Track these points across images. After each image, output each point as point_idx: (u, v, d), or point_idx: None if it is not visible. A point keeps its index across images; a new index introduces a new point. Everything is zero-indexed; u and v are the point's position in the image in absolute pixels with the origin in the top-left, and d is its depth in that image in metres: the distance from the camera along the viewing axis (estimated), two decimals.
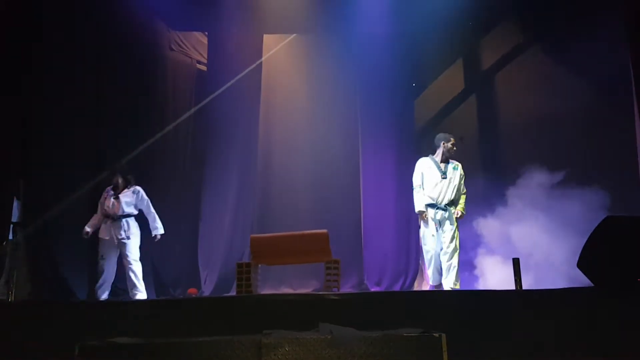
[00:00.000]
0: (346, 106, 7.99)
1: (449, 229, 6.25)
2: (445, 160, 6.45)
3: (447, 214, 6.28)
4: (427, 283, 7.60)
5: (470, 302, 4.56)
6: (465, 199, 6.43)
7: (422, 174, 6.41)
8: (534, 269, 6.47)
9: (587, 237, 4.53)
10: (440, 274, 6.28)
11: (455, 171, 6.40)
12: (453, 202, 6.34)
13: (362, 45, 8.02)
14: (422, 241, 6.45)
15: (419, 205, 6.33)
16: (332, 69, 8.05)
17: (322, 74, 8.06)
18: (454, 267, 6.20)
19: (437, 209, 6.29)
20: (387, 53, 7.89)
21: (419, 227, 6.55)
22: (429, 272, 6.41)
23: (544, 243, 6.61)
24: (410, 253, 7.56)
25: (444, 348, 3.11)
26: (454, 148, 6.46)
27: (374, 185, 7.73)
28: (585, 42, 7.14)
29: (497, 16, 8.27)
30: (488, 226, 7.10)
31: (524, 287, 5.16)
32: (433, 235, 6.27)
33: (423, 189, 6.35)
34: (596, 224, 4.52)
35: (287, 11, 7.86)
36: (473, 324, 4.15)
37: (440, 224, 6.28)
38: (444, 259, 6.23)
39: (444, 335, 3.15)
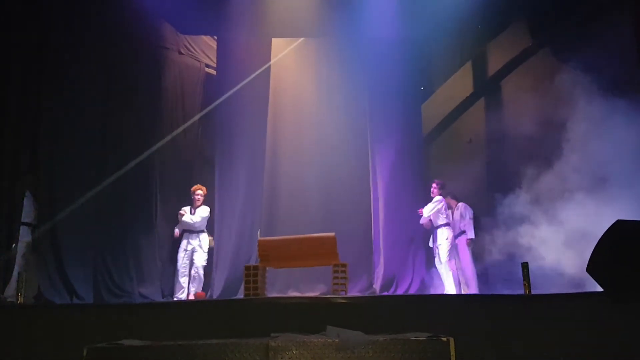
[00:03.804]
0: (354, 109, 7.99)
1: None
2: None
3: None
4: (434, 288, 7.66)
5: (479, 306, 4.54)
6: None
7: None
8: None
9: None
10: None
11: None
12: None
13: (370, 49, 8.02)
14: None
15: None
16: (341, 72, 8.05)
17: (331, 78, 8.07)
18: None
19: None
20: (396, 57, 7.90)
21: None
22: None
23: (552, 248, 6.58)
24: (419, 257, 7.55)
25: (452, 352, 3.10)
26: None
27: (383, 189, 7.71)
28: (594, 45, 7.09)
29: (506, 20, 8.24)
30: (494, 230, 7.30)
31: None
32: None
33: None
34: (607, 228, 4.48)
35: (295, 15, 7.87)
36: (481, 328, 4.13)
37: None
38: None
39: (452, 339, 3.14)
